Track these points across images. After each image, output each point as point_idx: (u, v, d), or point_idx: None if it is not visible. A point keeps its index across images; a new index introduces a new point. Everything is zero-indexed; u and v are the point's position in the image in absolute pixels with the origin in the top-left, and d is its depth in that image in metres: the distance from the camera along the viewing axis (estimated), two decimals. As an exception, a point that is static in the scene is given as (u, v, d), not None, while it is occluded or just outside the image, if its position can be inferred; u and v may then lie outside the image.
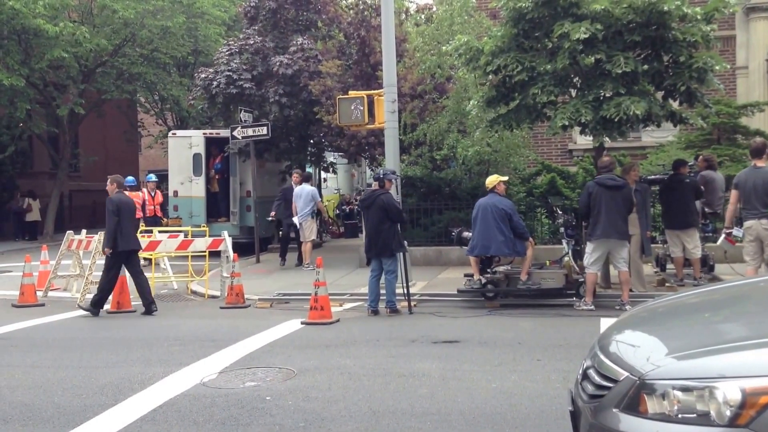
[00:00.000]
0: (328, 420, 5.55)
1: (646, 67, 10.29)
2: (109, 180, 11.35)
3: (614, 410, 3.29)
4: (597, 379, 3.57)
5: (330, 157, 22.42)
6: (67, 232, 13.77)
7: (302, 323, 9.66)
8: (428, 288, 12.30)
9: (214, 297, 12.49)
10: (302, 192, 15.33)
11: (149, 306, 10.94)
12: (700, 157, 12.78)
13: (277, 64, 17.43)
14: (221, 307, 11.45)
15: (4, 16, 21.69)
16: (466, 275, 11.22)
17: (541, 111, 11.26)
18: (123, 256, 10.93)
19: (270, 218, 16.92)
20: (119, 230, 10.78)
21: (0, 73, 21.30)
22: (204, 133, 19.56)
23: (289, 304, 11.57)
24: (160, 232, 13.85)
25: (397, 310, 10.37)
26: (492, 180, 10.97)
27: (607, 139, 11.10)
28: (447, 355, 7.60)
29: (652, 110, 10.30)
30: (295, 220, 15.29)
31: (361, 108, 12.66)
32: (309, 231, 15.31)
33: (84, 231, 13.90)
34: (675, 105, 11.37)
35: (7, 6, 20.80)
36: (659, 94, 10.95)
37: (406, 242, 11.05)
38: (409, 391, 6.25)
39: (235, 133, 16.82)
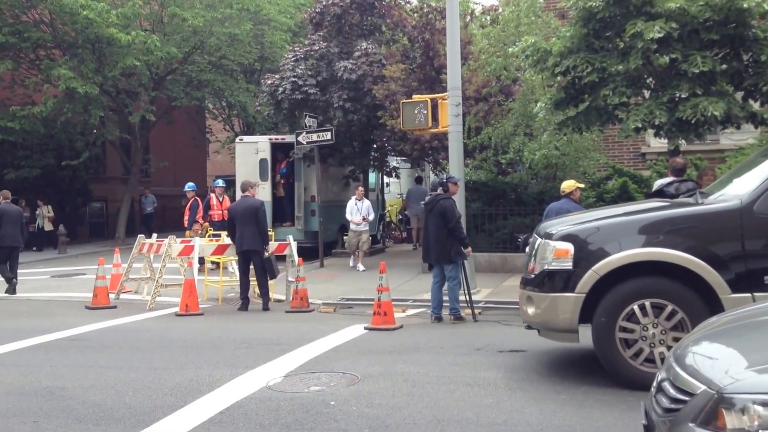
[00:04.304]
0: (392, 427, 5.50)
1: (724, 66, 9.96)
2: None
3: (690, 425, 3.16)
4: (672, 392, 3.44)
5: (393, 161, 22.41)
6: (138, 236, 14.09)
7: (365, 328, 9.64)
8: (493, 295, 12.14)
9: (279, 301, 12.60)
10: (418, 191, 19.75)
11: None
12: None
13: (342, 69, 17.53)
14: (286, 311, 11.55)
15: (79, 26, 22.42)
16: (532, 282, 11.00)
17: (612, 113, 11.01)
18: (6, 251, 13.92)
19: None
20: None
21: (75, 81, 21.97)
22: (270, 139, 19.81)
23: (353, 309, 11.59)
24: (228, 236, 14.03)
25: (461, 318, 10.24)
26: (570, 185, 10.71)
27: (683, 141, 10.76)
28: (513, 365, 7.47)
29: (731, 111, 9.95)
30: (408, 212, 21.04)
31: (425, 112, 12.59)
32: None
33: (155, 235, 14.22)
34: (756, 106, 10.94)
35: (82, 16, 21.47)
36: (739, 95, 10.57)
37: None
38: (474, 401, 6.14)
39: (299, 138, 16.98)
